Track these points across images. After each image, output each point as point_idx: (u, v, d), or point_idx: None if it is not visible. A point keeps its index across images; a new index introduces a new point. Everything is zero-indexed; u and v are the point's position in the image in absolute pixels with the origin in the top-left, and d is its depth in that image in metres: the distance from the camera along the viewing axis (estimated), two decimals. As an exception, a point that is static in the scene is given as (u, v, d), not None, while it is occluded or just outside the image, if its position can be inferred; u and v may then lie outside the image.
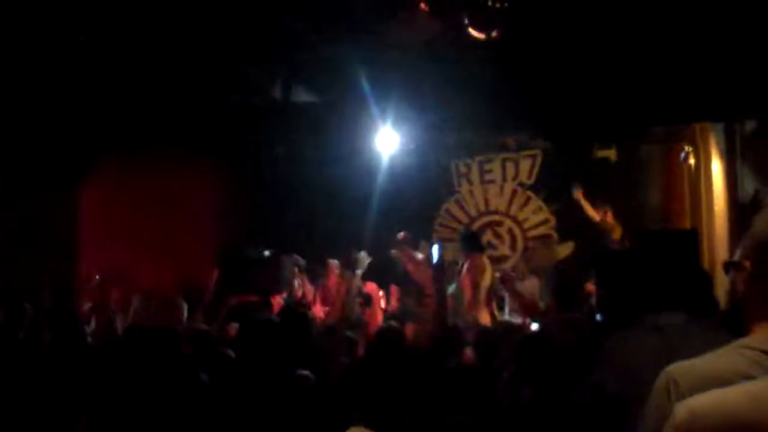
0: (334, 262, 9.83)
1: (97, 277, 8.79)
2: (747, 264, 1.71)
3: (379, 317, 8.44)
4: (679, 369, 1.72)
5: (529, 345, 3.86)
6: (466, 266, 8.28)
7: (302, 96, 9.47)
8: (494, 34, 6.74)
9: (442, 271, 5.72)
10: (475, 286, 8.12)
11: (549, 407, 3.48)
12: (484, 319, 7.93)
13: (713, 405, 1.35)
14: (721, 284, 4.38)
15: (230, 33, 7.74)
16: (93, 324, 7.56)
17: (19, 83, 8.11)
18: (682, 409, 1.41)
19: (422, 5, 6.85)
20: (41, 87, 8.29)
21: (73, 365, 4.66)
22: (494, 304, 8.52)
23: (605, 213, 10.19)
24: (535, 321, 6.59)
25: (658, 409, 1.70)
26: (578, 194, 10.50)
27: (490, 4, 6.77)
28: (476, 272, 8.18)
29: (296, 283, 10.01)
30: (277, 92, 9.25)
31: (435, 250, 5.35)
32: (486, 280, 8.33)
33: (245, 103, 9.39)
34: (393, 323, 6.09)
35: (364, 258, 9.87)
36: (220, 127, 9.77)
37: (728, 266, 1.78)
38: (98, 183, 10.42)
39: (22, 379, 4.56)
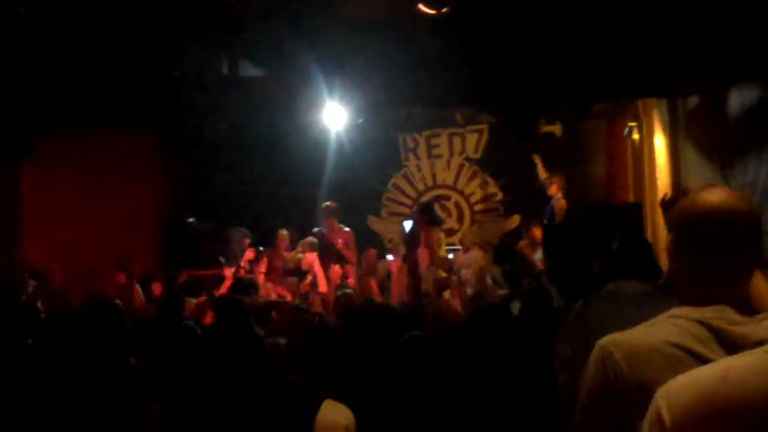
0: (284, 233, 9.79)
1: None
2: (670, 240, 1.77)
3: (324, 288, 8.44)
4: (613, 340, 1.72)
5: (478, 318, 3.87)
6: (422, 239, 8.32)
7: (249, 71, 9.38)
8: (444, 10, 6.75)
9: (415, 244, 5.77)
10: (434, 259, 8.30)
11: (498, 382, 3.49)
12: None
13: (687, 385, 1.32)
14: (663, 255, 4.50)
15: (174, 7, 7.63)
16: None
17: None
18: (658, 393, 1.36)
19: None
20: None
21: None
22: None
23: (552, 183, 10.23)
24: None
25: (593, 380, 1.72)
26: (535, 157, 10.57)
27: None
28: (434, 245, 8.37)
29: (244, 256, 9.95)
30: (223, 67, 9.15)
31: (407, 225, 5.39)
32: (442, 253, 8.55)
33: (189, 76, 9.24)
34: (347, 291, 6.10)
35: (287, 235, 9.78)
36: (161, 102, 9.60)
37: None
38: (39, 163, 10.18)
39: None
